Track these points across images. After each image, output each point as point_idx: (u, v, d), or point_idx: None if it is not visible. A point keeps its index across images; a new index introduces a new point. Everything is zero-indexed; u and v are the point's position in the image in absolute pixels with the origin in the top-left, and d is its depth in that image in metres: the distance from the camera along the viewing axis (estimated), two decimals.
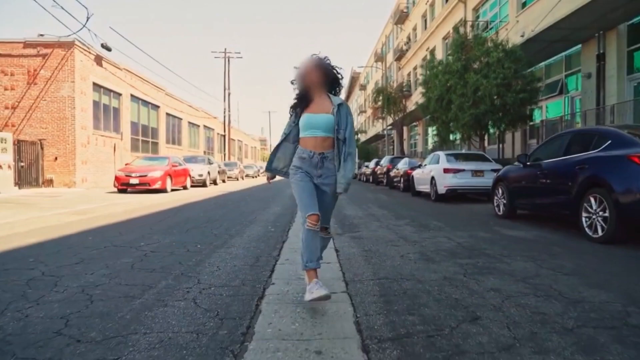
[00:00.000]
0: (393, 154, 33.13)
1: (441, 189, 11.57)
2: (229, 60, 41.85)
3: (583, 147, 5.92)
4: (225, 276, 3.72)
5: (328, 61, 3.03)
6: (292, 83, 3.07)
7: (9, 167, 15.32)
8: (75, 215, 8.53)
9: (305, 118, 2.95)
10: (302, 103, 3.02)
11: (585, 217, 5.52)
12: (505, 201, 7.82)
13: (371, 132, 53.23)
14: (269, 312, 2.79)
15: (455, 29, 16.46)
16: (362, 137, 60.39)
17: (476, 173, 11.29)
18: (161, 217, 8.40)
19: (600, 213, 5.26)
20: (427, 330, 2.46)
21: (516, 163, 7.68)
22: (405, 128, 38.49)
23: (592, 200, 5.40)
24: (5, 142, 15.07)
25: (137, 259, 4.37)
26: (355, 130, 64.05)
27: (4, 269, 3.98)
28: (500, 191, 8.03)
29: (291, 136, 3.05)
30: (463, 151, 14.45)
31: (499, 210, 8.09)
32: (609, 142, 5.46)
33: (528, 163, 7.13)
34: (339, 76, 3.07)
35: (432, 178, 12.15)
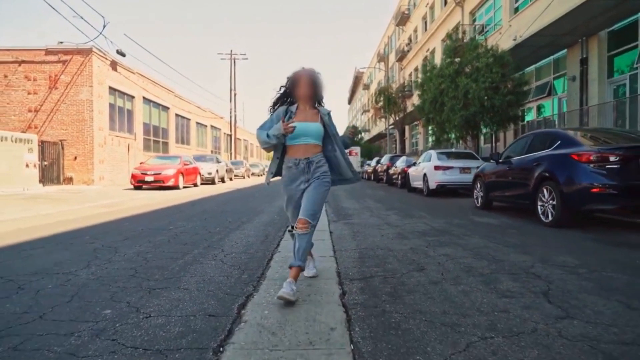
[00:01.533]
0: (395, 153, 34.12)
1: (432, 185, 12.64)
2: (234, 62, 43.07)
3: (541, 146, 6.99)
4: (243, 247, 4.84)
5: (318, 76, 3.14)
6: (284, 90, 3.17)
7: (35, 165, 16.55)
8: (104, 208, 9.69)
9: (297, 126, 2.95)
10: (285, 103, 3.16)
11: (540, 205, 6.59)
12: (482, 194, 8.89)
13: (374, 131, 54.26)
14: (276, 267, 3.89)
15: (448, 35, 17.46)
16: (366, 136, 61.43)
17: (464, 170, 12.33)
18: (180, 209, 9.53)
19: (551, 202, 6.32)
20: (385, 275, 3.57)
21: (491, 161, 8.73)
22: (407, 127, 39.56)
23: (545, 191, 6.46)
24: (31, 143, 16.30)
25: (171, 237, 5.51)
26: (359, 129, 65.17)
27: (71, 243, 5.13)
28: (478, 185, 9.11)
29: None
30: (453, 150, 15.48)
31: (478, 202, 9.16)
32: (559, 142, 6.54)
33: (500, 160, 8.19)
34: (322, 96, 3.24)
35: (425, 175, 13.22)
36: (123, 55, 20.45)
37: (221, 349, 2.14)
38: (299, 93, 3.08)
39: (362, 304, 2.82)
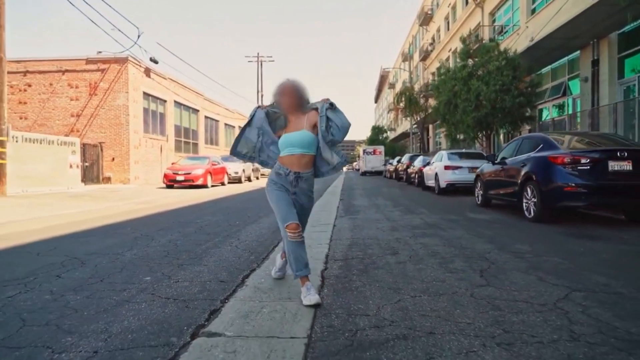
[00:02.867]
0: (420, 152, 34.56)
1: (442, 184, 13.34)
2: (261, 64, 44.35)
3: (528, 149, 7.67)
4: (255, 237, 5.80)
5: (302, 85, 3.14)
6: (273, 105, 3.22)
7: (77, 166, 18.08)
8: (141, 205, 10.88)
9: (282, 138, 3.12)
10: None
11: (525, 202, 7.28)
12: (481, 192, 9.58)
13: (399, 130, 54.67)
14: (279, 250, 4.82)
15: (462, 39, 18.00)
16: (391, 135, 61.84)
17: (472, 170, 12.91)
18: (207, 206, 10.61)
19: (533, 199, 7.02)
20: (363, 257, 4.44)
21: (488, 161, 9.41)
22: (431, 126, 39.93)
23: (529, 189, 7.16)
24: (74, 146, 17.83)
25: (197, 228, 6.53)
26: (385, 127, 65.42)
27: (116, 232, 6.22)
28: (478, 184, 9.80)
29: (255, 120, 3.17)
30: (463, 150, 16.05)
31: (478, 200, 9.85)
32: (541, 145, 7.22)
33: (496, 161, 8.87)
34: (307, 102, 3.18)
35: (436, 174, 13.92)
36: (156, 62, 21.87)
37: (226, 300, 3.07)
38: (284, 105, 3.13)
39: (336, 276, 3.72)
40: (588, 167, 6.31)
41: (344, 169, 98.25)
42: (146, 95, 22.78)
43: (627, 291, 3.18)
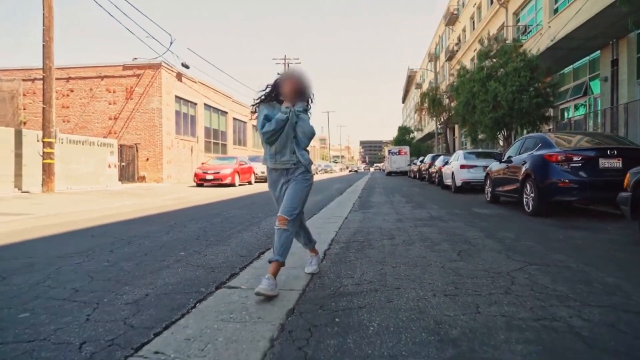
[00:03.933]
0: (444, 152, 34.74)
1: (458, 182, 13.84)
2: (288, 66, 45.46)
3: (530, 148, 8.19)
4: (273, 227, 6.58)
5: (307, 78, 3.20)
6: (271, 88, 3.25)
7: (115, 166, 19.41)
8: (174, 200, 11.87)
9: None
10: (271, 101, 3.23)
11: (525, 198, 7.81)
12: (490, 190, 10.10)
13: (426, 130, 54.73)
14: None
15: (480, 41, 18.37)
16: (417, 135, 61.88)
17: (486, 169, 13.40)
18: (233, 202, 11.51)
19: (531, 195, 7.55)
20: (363, 241, 5.15)
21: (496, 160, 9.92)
22: (456, 126, 40.01)
23: (528, 186, 7.69)
24: (112, 147, 19.17)
25: (223, 219, 7.39)
26: (411, 128, 65.41)
27: (153, 222, 7.14)
28: (487, 182, 10.32)
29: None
30: (480, 150, 16.45)
31: (488, 197, 10.37)
32: (540, 144, 7.74)
33: (503, 160, 9.39)
34: (310, 96, 3.29)
35: (452, 173, 14.43)
36: (187, 67, 23.09)
37: (244, 268, 3.86)
38: (285, 93, 3.17)
39: (336, 253, 4.46)
40: (580, 165, 6.82)
41: (371, 169, 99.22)
42: (178, 98, 24.05)
43: (575, 265, 3.79)
